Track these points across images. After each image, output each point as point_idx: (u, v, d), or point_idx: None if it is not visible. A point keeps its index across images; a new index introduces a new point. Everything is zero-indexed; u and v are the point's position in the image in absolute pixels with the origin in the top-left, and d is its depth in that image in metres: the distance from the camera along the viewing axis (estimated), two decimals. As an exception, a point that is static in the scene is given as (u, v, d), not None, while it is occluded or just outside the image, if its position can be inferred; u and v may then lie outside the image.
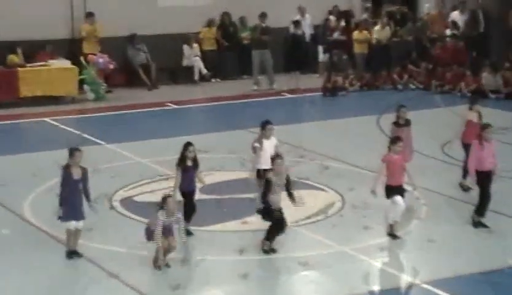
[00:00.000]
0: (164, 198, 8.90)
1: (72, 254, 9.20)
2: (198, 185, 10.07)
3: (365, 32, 20.20)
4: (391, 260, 9.47)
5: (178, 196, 9.69)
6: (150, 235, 8.90)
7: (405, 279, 8.92)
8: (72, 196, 9.04)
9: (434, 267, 9.18)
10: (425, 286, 8.65)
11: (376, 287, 8.76)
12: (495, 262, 9.26)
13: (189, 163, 9.78)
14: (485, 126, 10.33)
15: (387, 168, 9.82)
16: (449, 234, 10.10)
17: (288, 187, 9.48)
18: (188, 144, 9.87)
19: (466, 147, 11.44)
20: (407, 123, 11.59)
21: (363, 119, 16.56)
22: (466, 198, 11.34)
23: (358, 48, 20.22)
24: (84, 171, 9.17)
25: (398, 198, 9.77)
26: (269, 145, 10.34)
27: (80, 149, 9.26)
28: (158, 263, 8.83)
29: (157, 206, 8.99)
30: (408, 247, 9.79)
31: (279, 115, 17.64)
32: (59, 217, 9.13)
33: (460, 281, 8.79)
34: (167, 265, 8.92)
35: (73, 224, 9.08)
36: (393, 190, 9.79)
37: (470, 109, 11.83)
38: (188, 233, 9.70)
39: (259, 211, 9.50)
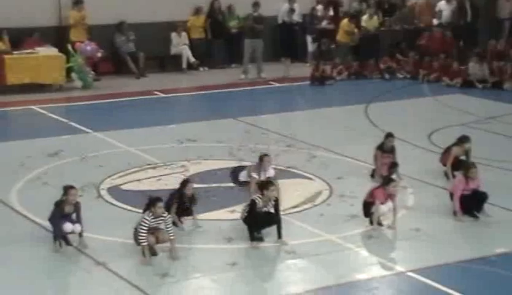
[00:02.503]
0: (153, 201, 8.85)
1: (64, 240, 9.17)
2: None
3: (353, 25, 20.19)
4: (378, 248, 9.53)
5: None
6: (137, 238, 8.88)
7: (391, 267, 8.99)
8: (58, 226, 9.01)
9: (421, 256, 9.26)
10: (411, 274, 8.73)
11: (363, 276, 8.82)
12: (481, 250, 9.34)
13: (185, 200, 9.67)
14: (469, 167, 10.27)
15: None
16: (436, 223, 10.17)
17: (276, 209, 9.40)
18: (186, 182, 9.76)
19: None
20: (392, 150, 11.66)
21: (350, 108, 16.60)
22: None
23: (343, 38, 20.23)
24: (77, 207, 9.12)
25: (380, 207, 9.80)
26: (264, 176, 10.42)
27: (75, 187, 9.20)
28: (145, 262, 8.79)
29: (144, 206, 8.97)
30: (394, 236, 9.85)
31: (267, 104, 17.68)
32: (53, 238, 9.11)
33: (446, 270, 8.87)
34: (154, 254, 8.93)
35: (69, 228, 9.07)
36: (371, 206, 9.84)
37: (459, 145, 11.63)
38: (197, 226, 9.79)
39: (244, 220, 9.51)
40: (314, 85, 19.00)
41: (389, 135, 11.80)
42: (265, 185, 9.42)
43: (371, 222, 9.85)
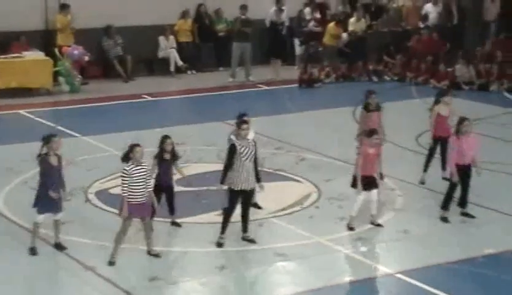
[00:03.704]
0: (131, 147, 8.82)
1: (57, 247, 9.17)
2: (176, 177, 10.06)
3: (340, 29, 20.24)
4: (366, 250, 9.55)
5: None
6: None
7: (380, 269, 9.01)
8: (51, 187, 8.94)
9: (409, 257, 9.29)
10: (400, 276, 8.75)
11: (352, 278, 8.84)
12: (470, 252, 9.38)
13: (166, 156, 9.77)
14: (461, 120, 10.30)
15: (361, 158, 9.87)
16: (424, 225, 10.20)
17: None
18: (165, 137, 9.85)
19: (437, 141, 11.54)
20: (378, 108, 11.64)
21: (339, 111, 16.63)
22: (441, 188, 11.46)
23: (329, 41, 20.29)
24: (59, 159, 9.09)
25: (360, 197, 9.82)
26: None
27: (57, 135, 9.16)
28: (123, 215, 8.68)
29: (122, 157, 8.87)
30: (383, 238, 9.88)
31: (256, 107, 17.63)
32: (35, 206, 9.04)
33: (435, 271, 8.89)
34: (154, 254, 8.89)
35: (47, 217, 9.01)
36: (362, 180, 9.84)
37: (438, 102, 11.66)
38: (176, 224, 9.84)
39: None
40: (302, 87, 19.03)
41: (370, 92, 11.74)
42: (239, 124, 9.44)
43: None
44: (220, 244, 9.34)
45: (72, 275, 8.69)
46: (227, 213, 9.40)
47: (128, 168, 8.77)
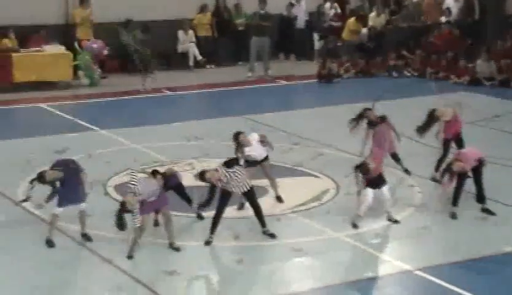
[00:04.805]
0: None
1: (84, 237, 9.29)
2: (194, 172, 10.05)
3: (360, 24, 20.14)
4: (385, 246, 9.52)
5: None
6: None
7: (398, 265, 8.96)
8: (73, 178, 9.06)
9: (428, 254, 9.23)
10: (418, 272, 8.70)
11: (370, 274, 8.79)
12: (488, 249, 9.31)
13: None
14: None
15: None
16: (443, 221, 10.14)
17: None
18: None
19: (445, 142, 11.48)
20: (383, 119, 11.60)
21: (357, 106, 16.47)
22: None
23: (348, 37, 20.19)
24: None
25: (369, 191, 9.77)
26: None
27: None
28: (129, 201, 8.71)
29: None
30: (402, 234, 9.82)
31: (274, 102, 17.65)
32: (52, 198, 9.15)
33: (454, 268, 8.84)
34: (175, 247, 8.94)
35: (69, 209, 9.08)
36: (370, 180, 9.78)
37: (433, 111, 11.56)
38: (200, 217, 9.86)
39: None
40: (321, 82, 18.97)
41: (367, 109, 11.83)
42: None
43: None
44: (208, 243, 9.24)
45: (90, 267, 8.74)
46: (216, 213, 9.27)
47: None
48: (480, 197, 10.28)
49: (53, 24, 18.74)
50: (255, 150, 10.10)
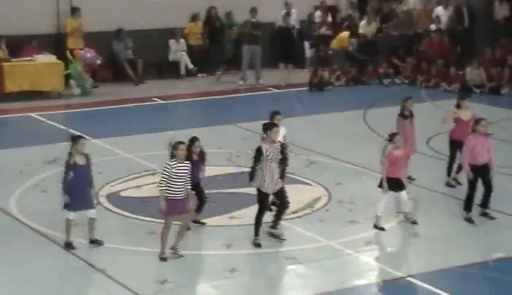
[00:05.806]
0: (175, 144, 8.99)
1: (94, 243, 9.35)
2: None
3: (353, 40, 20.26)
4: (377, 254, 9.54)
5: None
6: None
7: (391, 272, 8.99)
8: (79, 185, 9.14)
9: (420, 261, 9.26)
10: (411, 279, 8.73)
11: (363, 281, 8.82)
12: (480, 256, 9.35)
13: (195, 157, 9.84)
14: (479, 120, 10.36)
15: (387, 161, 9.90)
16: (435, 228, 10.18)
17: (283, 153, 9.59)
18: (194, 139, 9.96)
19: (454, 144, 11.51)
20: (411, 114, 11.66)
21: (349, 114, 16.61)
22: (452, 192, 11.44)
23: (337, 46, 20.29)
24: (88, 158, 9.34)
25: (385, 198, 9.90)
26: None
27: (84, 137, 9.43)
28: (161, 207, 8.91)
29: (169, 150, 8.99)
30: (394, 242, 9.86)
31: (266, 110, 17.61)
32: (65, 206, 9.20)
33: (445, 274, 8.87)
34: (177, 254, 8.98)
35: (79, 214, 9.18)
36: (388, 182, 9.87)
37: (459, 106, 11.70)
38: (201, 223, 9.94)
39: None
40: (313, 90, 19.03)
41: (408, 98, 11.73)
42: (268, 125, 9.67)
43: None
44: (257, 245, 9.39)
45: (83, 277, 8.72)
46: (258, 214, 9.42)
47: (170, 163, 8.95)
48: (484, 202, 10.37)
49: (45, 33, 18.74)
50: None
